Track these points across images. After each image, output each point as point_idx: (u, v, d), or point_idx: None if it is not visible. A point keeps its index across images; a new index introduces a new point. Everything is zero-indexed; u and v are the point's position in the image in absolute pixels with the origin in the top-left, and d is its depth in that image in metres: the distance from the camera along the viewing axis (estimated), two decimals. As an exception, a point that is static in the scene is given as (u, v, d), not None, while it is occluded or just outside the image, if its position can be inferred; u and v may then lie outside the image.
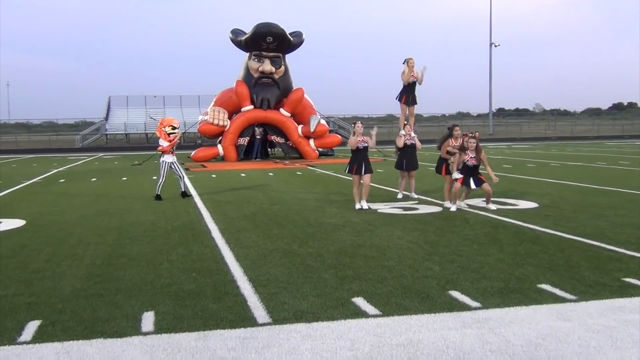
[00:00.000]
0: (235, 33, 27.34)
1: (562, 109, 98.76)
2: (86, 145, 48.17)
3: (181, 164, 24.63)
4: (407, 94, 12.57)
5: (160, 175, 12.48)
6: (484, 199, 10.34)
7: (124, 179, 17.97)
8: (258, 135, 28.14)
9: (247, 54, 27.21)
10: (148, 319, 4.63)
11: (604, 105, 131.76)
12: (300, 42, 27.79)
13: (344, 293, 5.22)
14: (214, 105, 27.55)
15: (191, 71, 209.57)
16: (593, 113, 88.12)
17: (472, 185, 10.02)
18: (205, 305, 4.95)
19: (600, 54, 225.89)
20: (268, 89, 26.80)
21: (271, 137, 28.39)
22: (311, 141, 27.25)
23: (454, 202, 10.15)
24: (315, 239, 7.74)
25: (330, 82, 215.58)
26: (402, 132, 12.09)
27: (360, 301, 4.97)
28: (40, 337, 4.30)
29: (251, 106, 26.79)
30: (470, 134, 10.16)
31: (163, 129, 12.40)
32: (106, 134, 51.56)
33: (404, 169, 12.07)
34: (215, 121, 26.06)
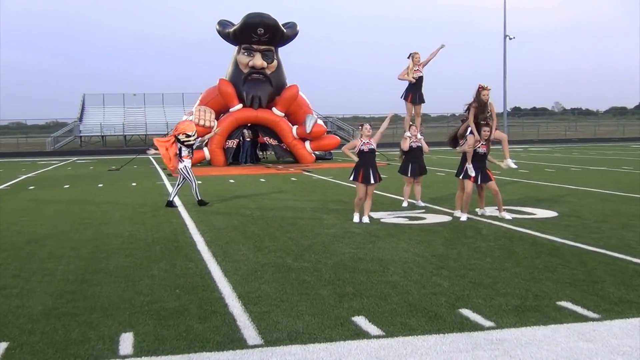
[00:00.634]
0: (223, 24, 27.41)
1: (584, 108, 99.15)
2: (58, 148, 48.11)
3: (163, 169, 24.80)
4: (414, 92, 12.55)
5: (190, 181, 12.55)
6: (496, 207, 10.36)
7: (100, 185, 17.95)
8: (248, 137, 28.17)
9: (236, 48, 27.27)
10: (126, 341, 4.62)
11: (630, 104, 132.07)
12: (295, 34, 27.87)
13: (343, 311, 5.22)
14: (200, 104, 27.59)
15: (174, 67, 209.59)
16: (618, 112, 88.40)
17: (478, 180, 10.11)
18: (190, 326, 4.94)
19: (625, 48, 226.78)
20: (259, 85, 26.83)
21: (263, 139, 28.43)
22: (307, 143, 27.29)
23: (465, 211, 10.18)
24: (312, 251, 7.74)
25: (327, 78, 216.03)
26: (408, 134, 12.10)
27: (361, 320, 4.98)
28: (6, 361, 4.29)
29: (240, 105, 26.82)
30: (483, 122, 10.21)
31: (176, 136, 12.39)
32: (80, 136, 51.52)
33: (410, 174, 12.09)
34: (201, 122, 26.07)
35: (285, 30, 26.83)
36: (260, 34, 25.95)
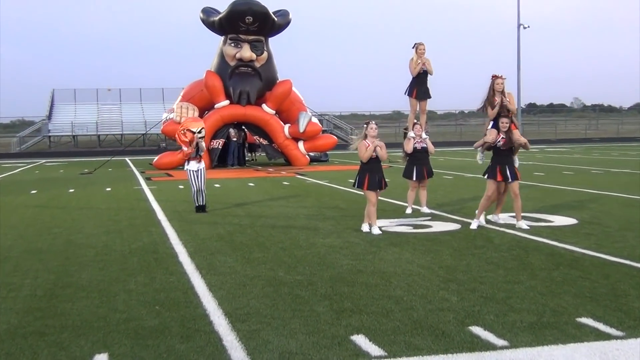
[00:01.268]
0: (207, 12, 27.43)
1: (606, 105, 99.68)
2: (25, 149, 48.05)
3: (142, 172, 24.79)
4: (418, 87, 12.57)
5: (191, 186, 12.68)
6: (513, 214, 10.38)
7: (71, 190, 17.92)
8: (234, 137, 28.17)
9: (222, 38, 27.29)
10: (101, 363, 4.61)
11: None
12: (287, 23, 27.92)
13: (341, 330, 5.22)
14: (182, 101, 27.60)
15: (153, 59, 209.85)
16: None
17: (508, 178, 9.95)
18: (171, 346, 4.93)
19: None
20: (247, 79, 26.85)
21: (252, 138, 28.43)
22: (300, 144, 27.31)
23: (478, 217, 10.16)
24: (306, 263, 7.74)
25: (323, 72, 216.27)
26: (411, 134, 12.11)
27: (360, 339, 4.98)
28: (-33, 386, 4.28)
29: (227, 101, 26.84)
30: (502, 113, 10.13)
31: (181, 131, 12.44)
32: (49, 136, 51.49)
33: (414, 178, 12.10)
34: (183, 120, 26.09)
35: (276, 19, 26.86)
36: (248, 22, 25.96)
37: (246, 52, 26.51)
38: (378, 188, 9.90)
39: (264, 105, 27.18)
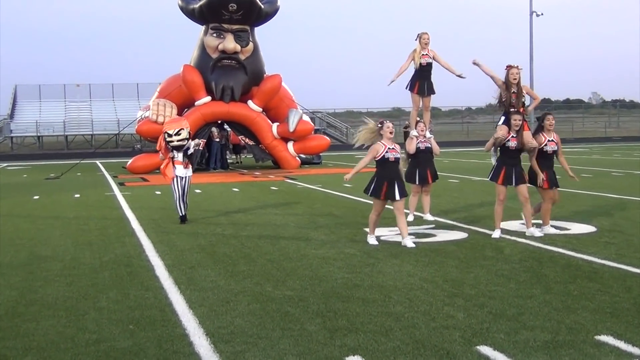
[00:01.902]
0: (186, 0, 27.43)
1: (628, 100, 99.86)
2: (-17, 152, 47.84)
3: (114, 177, 24.75)
4: (421, 81, 12.51)
5: (173, 193, 12.53)
6: (523, 221, 10.40)
7: (36, 197, 17.88)
8: (217, 137, 28.16)
9: (203, 28, 27.28)
10: (68, 389, 4.60)
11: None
12: (275, 11, 27.92)
13: (335, 350, 5.22)
14: (158, 97, 27.57)
15: (127, 51, 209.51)
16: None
17: (512, 182, 9.98)
18: (147, 369, 4.92)
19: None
20: (231, 74, 26.84)
21: (237, 139, 28.41)
22: (290, 145, 27.33)
23: (498, 226, 10.10)
24: (296, 277, 7.74)
25: (316, 66, 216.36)
26: (414, 133, 12.10)
27: (357, 361, 4.98)
28: None
29: (208, 98, 26.81)
30: (513, 109, 10.09)
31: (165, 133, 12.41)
32: (11, 137, 51.31)
33: (417, 182, 12.11)
34: (160, 118, 26.03)
35: (262, 6, 26.85)
36: (232, 10, 25.95)
37: (230, 43, 26.49)
38: (398, 198, 9.56)
39: (250, 102, 27.17)
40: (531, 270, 7.82)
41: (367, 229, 10.29)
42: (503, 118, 10.30)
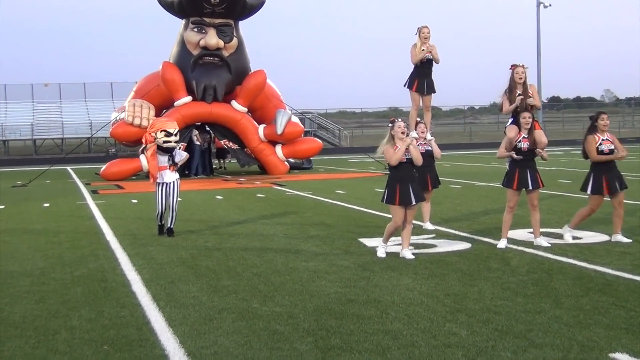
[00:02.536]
0: (165, -8, 27.43)
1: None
2: (-56, 157, 47.67)
3: (86, 184, 24.69)
4: (421, 78, 12.53)
5: (156, 203, 12.25)
6: (530, 230, 10.42)
7: (1, 207, 17.83)
8: (198, 140, 28.14)
9: (183, 22, 27.28)
10: (37, 416, 4.59)
11: None
12: (260, 4, 27.93)
13: (328, 371, 5.21)
14: (134, 98, 27.53)
15: (100, 48, 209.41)
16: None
17: (528, 185, 9.98)
18: (123, 394, 4.91)
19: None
20: (213, 71, 26.81)
21: (220, 143, 28.39)
22: (278, 148, 27.31)
23: (505, 235, 10.12)
24: (285, 292, 7.74)
25: (305, 63, 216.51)
26: (414, 134, 12.09)
27: (351, 383, 4.98)
28: None
29: (189, 98, 26.78)
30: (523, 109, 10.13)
31: (153, 135, 12.00)
32: (-26, 141, 51.10)
33: (416, 187, 12.12)
34: (137, 120, 26.00)
35: (247, -1, 26.90)
36: (214, 3, 25.94)
37: (212, 39, 26.46)
38: (414, 202, 9.55)
39: (234, 102, 27.13)
40: (540, 283, 7.83)
41: (364, 240, 10.30)
42: (512, 119, 10.34)
